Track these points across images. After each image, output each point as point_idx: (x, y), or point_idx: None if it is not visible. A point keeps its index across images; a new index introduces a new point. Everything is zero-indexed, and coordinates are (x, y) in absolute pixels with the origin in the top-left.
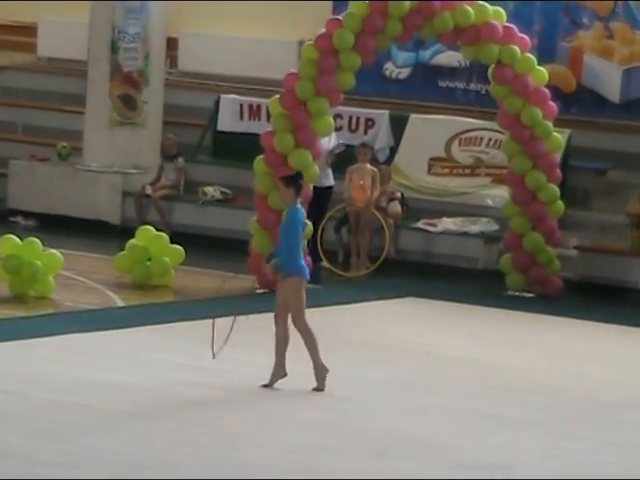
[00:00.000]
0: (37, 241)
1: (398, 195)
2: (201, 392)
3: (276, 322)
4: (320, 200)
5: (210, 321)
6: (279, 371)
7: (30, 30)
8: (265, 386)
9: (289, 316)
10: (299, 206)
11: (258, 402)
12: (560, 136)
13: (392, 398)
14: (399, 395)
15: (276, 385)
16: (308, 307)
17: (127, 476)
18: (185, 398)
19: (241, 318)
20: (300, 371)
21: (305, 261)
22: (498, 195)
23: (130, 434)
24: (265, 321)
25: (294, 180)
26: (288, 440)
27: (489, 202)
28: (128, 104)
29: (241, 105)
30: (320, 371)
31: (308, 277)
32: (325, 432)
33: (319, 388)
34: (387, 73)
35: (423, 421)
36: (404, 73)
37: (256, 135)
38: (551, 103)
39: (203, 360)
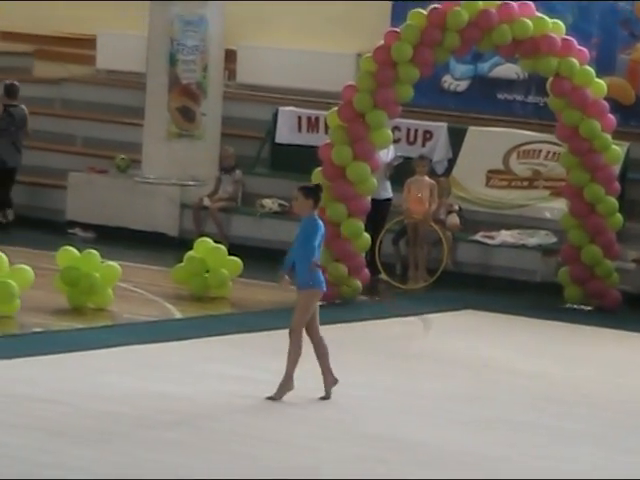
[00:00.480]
0: (95, 253)
1: (456, 208)
2: (256, 404)
3: (308, 334)
4: (378, 212)
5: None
6: (287, 384)
7: (89, 42)
8: (270, 398)
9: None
10: (317, 217)
11: (312, 414)
12: (619, 148)
13: (448, 411)
14: (455, 408)
15: (290, 396)
16: (366, 319)
17: None
18: (240, 410)
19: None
20: (357, 383)
21: (363, 274)
22: (556, 208)
23: (186, 446)
24: (324, 333)
25: (314, 192)
26: (343, 452)
27: (547, 215)
28: (186, 116)
29: (299, 117)
30: (287, 383)
31: (325, 289)
32: (380, 444)
33: (275, 397)
34: (445, 85)
35: (478, 434)
36: (462, 85)
37: (314, 147)
38: (610, 115)
39: (259, 372)
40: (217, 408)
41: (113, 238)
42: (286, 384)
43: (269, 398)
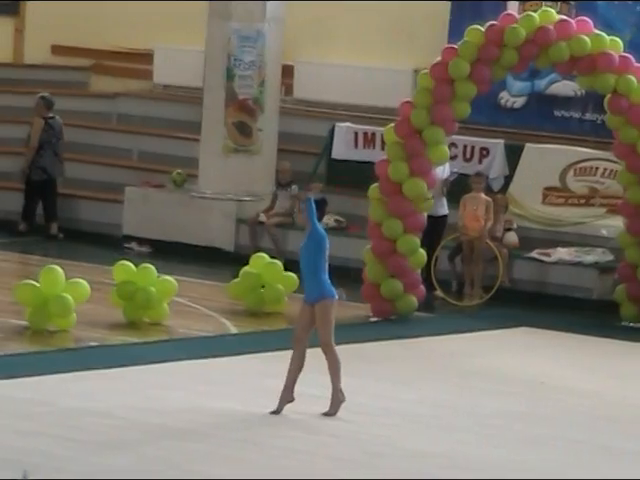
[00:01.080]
0: (151, 267)
1: (515, 226)
2: (312, 420)
3: (295, 347)
4: (434, 229)
5: None
6: (287, 395)
7: (146, 57)
8: (273, 412)
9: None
10: (320, 227)
11: (367, 429)
12: None
13: (503, 428)
14: (510, 425)
15: (288, 409)
16: (422, 336)
17: None
18: (297, 426)
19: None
20: (411, 399)
21: (419, 290)
22: (613, 225)
23: (243, 462)
24: (379, 349)
25: (318, 205)
26: (394, 469)
27: (604, 232)
28: (243, 131)
29: (356, 133)
30: (337, 397)
31: (336, 295)
32: (433, 462)
33: (330, 413)
34: (502, 102)
35: (534, 452)
36: (519, 102)
37: (370, 163)
38: None
39: (313, 388)
40: (272, 424)
41: (169, 253)
42: (336, 398)
43: (325, 414)
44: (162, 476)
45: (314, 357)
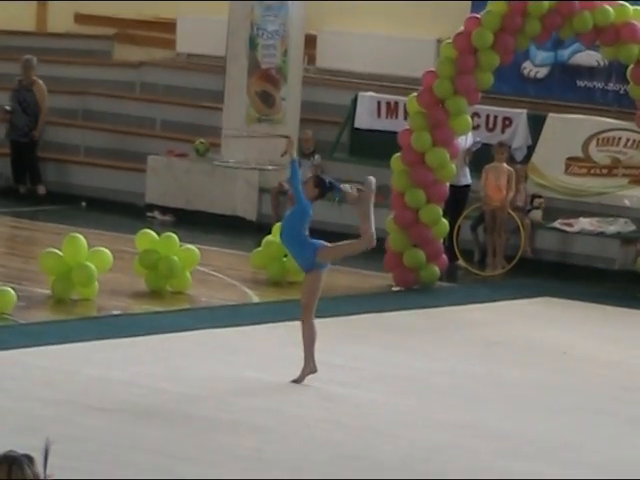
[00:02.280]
0: (174, 236)
1: (543, 204)
2: (336, 390)
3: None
4: (457, 199)
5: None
6: (309, 367)
7: (169, 26)
8: (294, 381)
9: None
10: (302, 194)
11: (390, 399)
12: None
13: (526, 398)
14: (533, 395)
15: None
16: (445, 306)
17: (260, 473)
18: (319, 395)
19: None
20: (434, 369)
21: (441, 260)
22: (636, 195)
23: (265, 431)
24: (401, 319)
25: (324, 187)
26: (421, 439)
27: (626, 202)
28: (266, 101)
29: (379, 103)
30: (308, 368)
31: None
32: (459, 431)
33: (298, 380)
34: (525, 72)
35: (557, 421)
36: (542, 72)
37: (393, 133)
38: None
39: (339, 357)
40: (295, 393)
41: (192, 222)
42: (308, 368)
43: (294, 381)
44: (187, 444)
45: (333, 327)
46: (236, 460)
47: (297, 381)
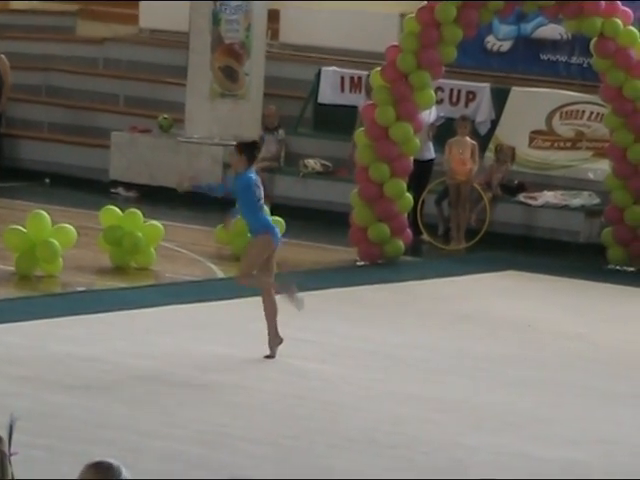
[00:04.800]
0: (138, 212)
1: (515, 183)
2: (302, 364)
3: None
4: (421, 173)
5: None
6: (275, 339)
7: (132, 2)
8: (268, 357)
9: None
10: (251, 174)
11: (356, 374)
12: None
13: (492, 371)
14: (499, 368)
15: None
16: (410, 280)
17: (226, 448)
18: (285, 369)
19: None
20: (400, 343)
21: (406, 234)
22: (600, 168)
23: (232, 406)
24: (366, 294)
25: (248, 148)
26: (388, 412)
27: (590, 175)
28: (229, 76)
29: (342, 77)
30: (274, 340)
31: (276, 233)
32: (425, 405)
33: (271, 355)
34: (489, 46)
35: (523, 394)
36: (506, 46)
37: (357, 107)
38: None
39: (305, 332)
40: (260, 368)
41: (156, 198)
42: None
43: (267, 356)
44: (154, 420)
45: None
46: (202, 435)
47: (271, 356)
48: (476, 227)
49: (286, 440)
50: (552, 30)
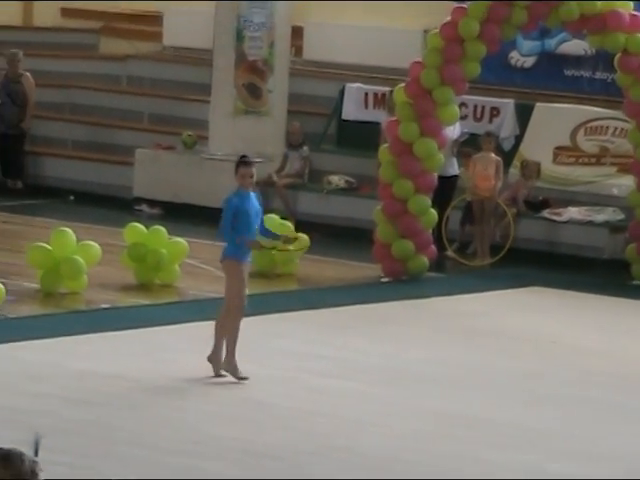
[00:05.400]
0: (162, 229)
1: (540, 198)
2: (323, 381)
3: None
4: (445, 189)
5: None
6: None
7: (156, 19)
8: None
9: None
10: (233, 194)
11: (378, 390)
12: None
13: (515, 387)
14: (523, 385)
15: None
16: (434, 296)
17: (248, 464)
18: (308, 386)
19: None
20: (423, 359)
21: (430, 250)
22: (624, 184)
23: (254, 423)
24: (390, 310)
25: (235, 166)
26: (410, 429)
27: (615, 191)
28: (253, 93)
29: (366, 94)
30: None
31: (241, 258)
32: (447, 421)
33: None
34: (512, 62)
35: (546, 411)
36: (529, 62)
37: (381, 124)
38: None
39: (327, 348)
40: (286, 384)
41: (180, 214)
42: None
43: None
44: (175, 437)
45: (321, 318)
46: (225, 452)
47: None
48: (500, 243)
49: (306, 456)
50: (576, 46)
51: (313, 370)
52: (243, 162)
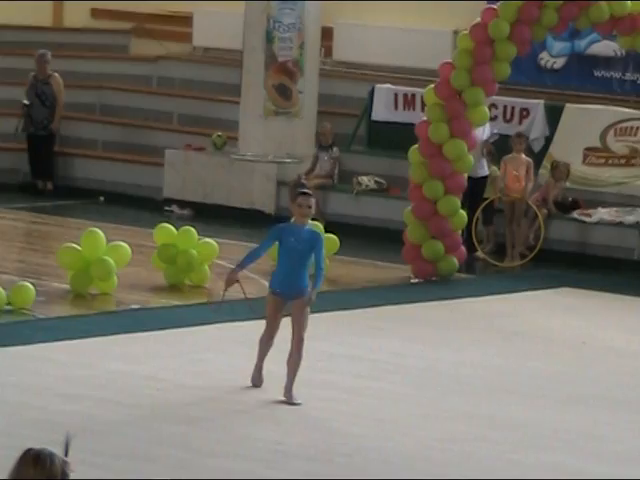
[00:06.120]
0: (192, 230)
1: (569, 199)
2: (356, 382)
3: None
4: (475, 190)
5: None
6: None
7: (186, 20)
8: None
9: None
10: (289, 224)
11: (408, 391)
12: None
13: (547, 389)
14: (554, 386)
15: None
16: (464, 297)
17: (279, 464)
18: (341, 387)
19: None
20: (454, 361)
21: (460, 251)
22: None
23: (286, 424)
24: (420, 311)
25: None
26: (442, 430)
27: None
28: (283, 94)
29: (396, 95)
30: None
31: (273, 287)
32: (479, 422)
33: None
34: (542, 63)
35: (579, 412)
36: (559, 63)
37: (411, 125)
38: None
39: (360, 350)
40: (318, 386)
41: (210, 215)
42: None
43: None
44: (208, 438)
45: (352, 319)
46: (255, 452)
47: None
48: (531, 244)
49: (340, 457)
50: (606, 47)
51: (346, 371)
52: (302, 192)
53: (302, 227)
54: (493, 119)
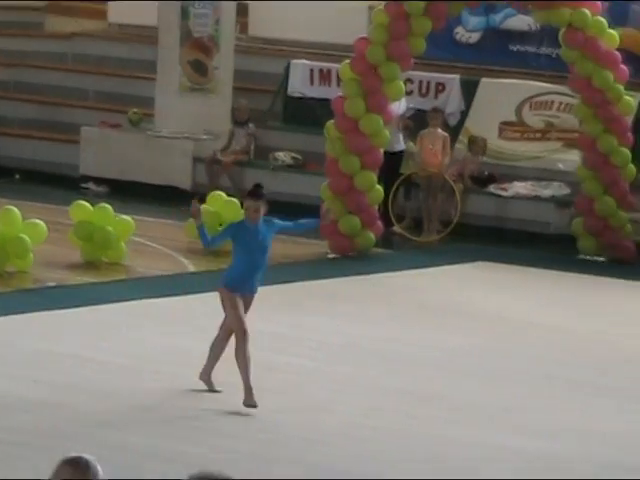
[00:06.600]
0: (109, 207)
1: (485, 174)
2: (276, 358)
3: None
4: (391, 164)
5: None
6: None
7: None
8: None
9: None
10: (243, 222)
11: (328, 367)
12: (632, 99)
13: (465, 363)
14: (472, 360)
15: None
16: (381, 272)
17: (203, 440)
18: (261, 364)
19: None
20: (372, 336)
21: (376, 226)
22: (569, 159)
23: (200, 400)
24: (338, 286)
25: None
26: (363, 406)
27: (560, 166)
28: (199, 70)
29: (311, 70)
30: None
31: (225, 285)
32: (400, 398)
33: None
34: (458, 37)
35: (497, 386)
36: (475, 37)
37: (327, 100)
38: (622, 67)
39: (274, 325)
40: (231, 362)
41: (126, 192)
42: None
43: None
44: (144, 415)
45: (270, 295)
46: (171, 426)
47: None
48: (450, 219)
49: (261, 434)
50: (521, 21)
51: (265, 347)
52: (250, 193)
53: (255, 226)
54: (409, 94)
